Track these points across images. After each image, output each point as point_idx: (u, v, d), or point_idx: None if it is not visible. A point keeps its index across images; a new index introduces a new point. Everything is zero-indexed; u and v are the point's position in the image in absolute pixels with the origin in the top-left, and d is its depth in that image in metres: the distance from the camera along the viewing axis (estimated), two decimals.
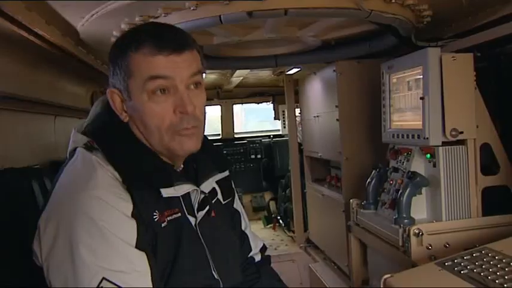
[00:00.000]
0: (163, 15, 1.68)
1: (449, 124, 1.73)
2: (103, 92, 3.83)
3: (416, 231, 1.65)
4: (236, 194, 1.43)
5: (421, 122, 1.79)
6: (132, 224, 1.03)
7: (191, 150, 1.14)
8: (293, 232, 3.93)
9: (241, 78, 4.11)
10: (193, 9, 1.63)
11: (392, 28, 2.01)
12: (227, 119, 5.00)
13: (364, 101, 2.50)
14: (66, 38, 1.97)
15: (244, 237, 1.40)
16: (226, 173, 1.35)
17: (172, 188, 1.10)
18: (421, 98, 1.77)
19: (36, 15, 1.61)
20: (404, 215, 1.76)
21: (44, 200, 1.12)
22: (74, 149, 1.12)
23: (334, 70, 2.59)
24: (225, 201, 1.35)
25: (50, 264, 0.99)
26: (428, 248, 1.65)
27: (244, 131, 5.61)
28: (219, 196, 1.32)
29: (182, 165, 1.22)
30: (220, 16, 1.64)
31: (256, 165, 4.88)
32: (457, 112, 1.74)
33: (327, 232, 3.10)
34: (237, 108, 5.19)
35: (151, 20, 1.72)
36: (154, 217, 1.08)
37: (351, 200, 2.22)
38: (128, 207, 1.03)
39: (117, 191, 1.04)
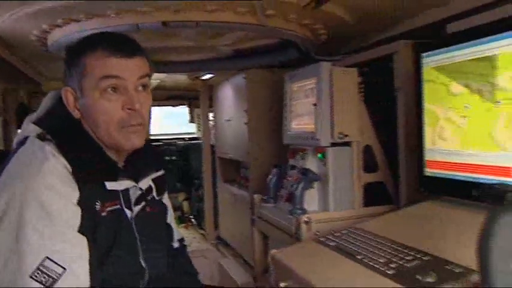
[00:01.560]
0: (84, 19, 1.79)
1: (337, 128, 1.97)
2: (15, 90, 3.78)
3: (306, 220, 1.89)
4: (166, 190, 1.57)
5: (314, 126, 2.05)
6: (77, 211, 1.13)
7: (136, 145, 1.25)
8: (205, 230, 4.10)
9: (158, 81, 4.22)
10: (113, 17, 1.76)
11: (294, 43, 2.28)
12: None
13: (270, 106, 2.73)
14: None
15: (169, 229, 1.56)
16: (162, 172, 1.48)
17: (115, 182, 1.23)
18: (314, 105, 2.04)
19: None
20: (298, 207, 1.99)
21: None
22: (25, 138, 1.19)
23: (244, 77, 2.80)
24: (158, 197, 1.47)
25: None
26: (316, 234, 1.88)
27: (161, 133, 5.70)
28: (154, 193, 1.43)
29: (123, 163, 1.32)
30: (137, 24, 1.79)
31: (172, 167, 4.99)
32: (344, 118, 1.99)
33: (236, 229, 3.30)
34: (154, 111, 5.25)
35: (73, 23, 1.83)
36: (96, 207, 1.19)
37: (254, 196, 2.44)
38: (75, 195, 1.13)
39: (67, 180, 1.13)
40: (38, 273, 1.04)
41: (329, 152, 2.00)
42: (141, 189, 1.33)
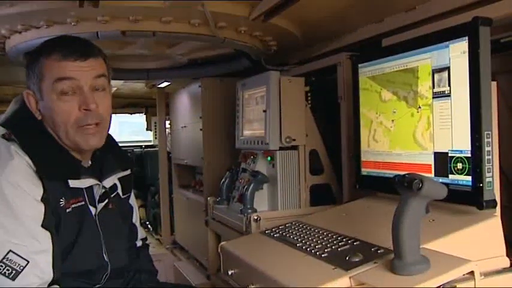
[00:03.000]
0: (45, 26, 1.86)
1: (284, 133, 2.11)
2: None
3: (256, 218, 2.01)
4: (132, 192, 1.65)
5: (264, 131, 2.18)
6: (41, 207, 1.20)
7: (93, 145, 1.32)
8: (161, 235, 4.16)
9: (115, 89, 4.26)
10: (73, 25, 1.83)
11: (246, 53, 2.42)
12: None
13: (224, 113, 2.84)
14: None
15: (134, 228, 1.64)
16: (128, 172, 1.55)
17: (78, 180, 1.29)
18: (264, 111, 2.17)
19: None
20: (249, 206, 2.10)
21: None
22: None
23: (199, 85, 2.91)
24: (124, 196, 1.55)
25: None
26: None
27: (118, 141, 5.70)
28: (119, 191, 1.51)
29: (90, 162, 1.40)
30: (97, 32, 1.87)
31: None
32: (291, 123, 2.13)
33: (191, 233, 3.37)
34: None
35: (34, 29, 1.90)
36: (61, 203, 1.26)
37: (208, 198, 2.55)
38: (39, 192, 1.20)
39: (31, 178, 1.20)
40: (1, 266, 1.11)
41: (277, 155, 2.13)
42: (104, 187, 1.40)
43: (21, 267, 1.13)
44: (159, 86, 3.81)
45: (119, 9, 1.78)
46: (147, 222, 4.65)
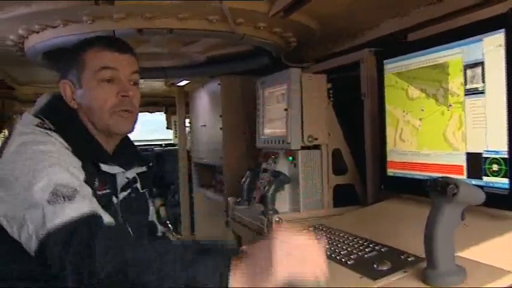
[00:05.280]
0: (61, 25, 1.84)
1: (306, 132, 2.05)
2: None
3: (277, 219, 1.96)
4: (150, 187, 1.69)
5: (285, 130, 2.13)
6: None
7: (125, 130, 1.41)
8: (181, 235, 4.14)
9: None
10: (89, 23, 1.81)
11: (265, 50, 2.36)
12: None
13: (244, 111, 2.79)
14: None
15: (153, 224, 1.67)
16: (145, 168, 1.59)
17: (107, 165, 1.34)
18: (285, 110, 2.12)
19: None
20: (270, 207, 2.05)
21: None
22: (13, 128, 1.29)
23: (218, 83, 2.87)
24: (142, 190, 1.58)
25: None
26: None
27: (137, 139, 5.71)
28: (138, 185, 1.55)
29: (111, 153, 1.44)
30: (114, 31, 1.85)
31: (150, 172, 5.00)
32: (313, 122, 2.06)
33: (211, 232, 3.33)
34: None
35: (50, 28, 1.88)
36: (95, 185, 1.29)
37: (228, 198, 2.50)
38: (82, 175, 1.21)
39: (73, 159, 1.23)
40: (53, 196, 1.08)
41: (299, 155, 2.07)
42: (127, 177, 1.44)
43: (74, 192, 1.11)
44: (178, 84, 3.78)
45: (134, 7, 1.75)
46: (168, 222, 4.64)
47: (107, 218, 1.13)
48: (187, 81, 3.58)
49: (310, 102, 2.08)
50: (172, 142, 5.34)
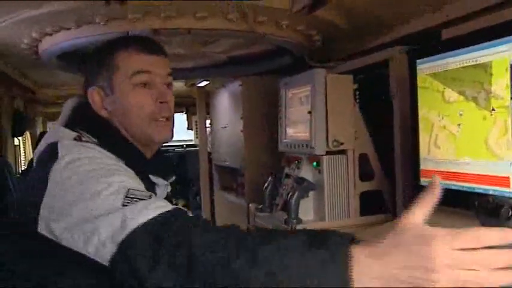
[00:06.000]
0: (74, 27, 1.77)
1: (331, 136, 1.94)
2: (11, 97, 3.76)
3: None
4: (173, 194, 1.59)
5: (309, 134, 2.02)
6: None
7: (166, 138, 1.26)
8: None
9: None
10: (103, 24, 1.73)
11: (288, 49, 2.25)
12: None
13: (266, 113, 2.69)
14: None
15: None
16: (174, 177, 1.45)
17: (155, 177, 1.24)
18: (309, 112, 2.01)
19: None
20: (293, 216, 1.95)
21: None
22: (51, 144, 1.11)
23: (240, 84, 2.78)
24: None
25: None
26: None
27: None
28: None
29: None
30: (128, 32, 1.76)
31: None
32: (339, 126, 1.96)
33: None
34: None
35: (64, 30, 1.81)
36: None
37: (249, 204, 2.41)
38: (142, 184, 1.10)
39: (130, 171, 1.10)
40: (128, 199, 0.94)
41: (324, 161, 1.97)
42: (167, 191, 1.33)
43: (147, 197, 0.97)
44: (199, 85, 3.70)
45: (150, 6, 1.66)
46: None
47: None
48: (208, 82, 3.49)
49: (336, 105, 1.97)
50: (193, 143, 5.28)
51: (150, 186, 1.20)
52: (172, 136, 1.29)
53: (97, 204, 0.93)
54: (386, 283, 0.70)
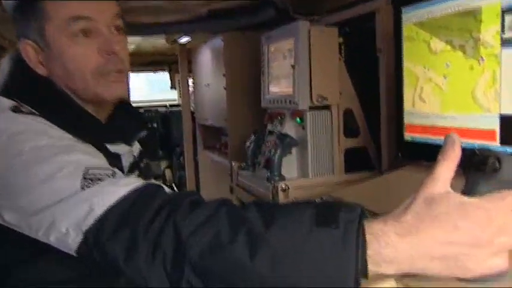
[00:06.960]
0: None
1: (315, 91, 1.88)
2: None
3: (283, 187, 1.82)
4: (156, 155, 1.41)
5: (292, 89, 1.95)
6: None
7: (119, 95, 1.07)
8: None
9: (134, 46, 4.06)
10: None
11: (271, 0, 2.15)
12: None
13: (249, 70, 2.60)
14: None
15: None
16: (145, 132, 1.24)
17: (115, 145, 1.05)
18: (292, 67, 1.93)
19: None
20: (276, 173, 1.92)
21: None
22: None
23: (221, 40, 2.68)
24: (153, 161, 1.30)
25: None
26: None
27: (143, 99, 5.57)
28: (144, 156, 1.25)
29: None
30: None
31: (152, 134, 4.88)
32: (323, 80, 1.89)
33: (217, 196, 3.22)
34: (133, 77, 5.12)
35: None
36: None
37: (232, 163, 2.36)
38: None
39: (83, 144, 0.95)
40: (88, 183, 0.81)
41: (307, 116, 1.92)
42: (134, 155, 1.16)
43: (113, 172, 0.85)
44: (180, 41, 3.58)
45: None
46: (173, 185, 4.54)
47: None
48: (189, 38, 3.37)
49: (320, 58, 1.89)
50: (177, 103, 5.18)
51: (110, 157, 1.00)
52: (128, 92, 1.10)
53: (52, 189, 0.80)
54: (423, 264, 0.60)
